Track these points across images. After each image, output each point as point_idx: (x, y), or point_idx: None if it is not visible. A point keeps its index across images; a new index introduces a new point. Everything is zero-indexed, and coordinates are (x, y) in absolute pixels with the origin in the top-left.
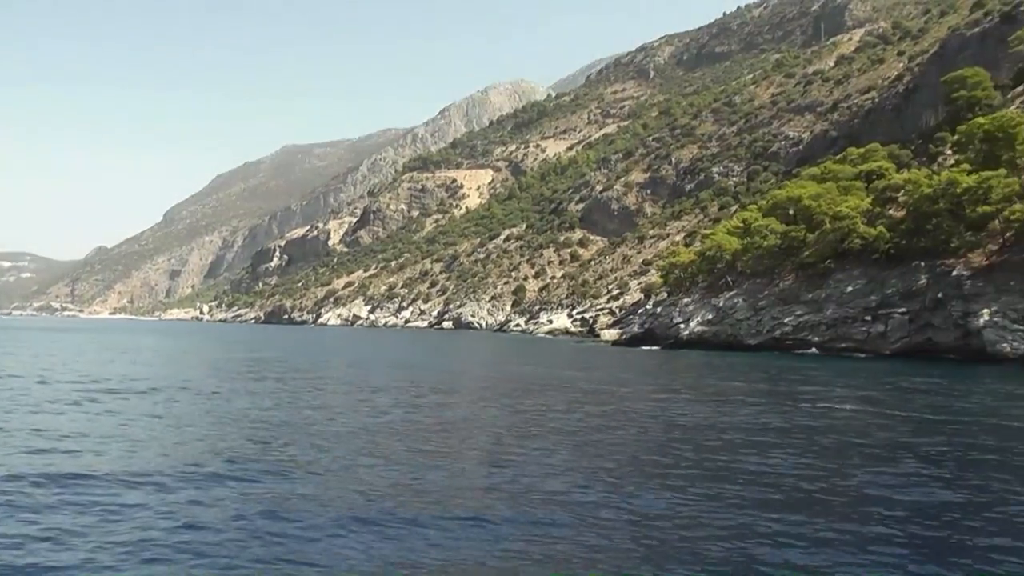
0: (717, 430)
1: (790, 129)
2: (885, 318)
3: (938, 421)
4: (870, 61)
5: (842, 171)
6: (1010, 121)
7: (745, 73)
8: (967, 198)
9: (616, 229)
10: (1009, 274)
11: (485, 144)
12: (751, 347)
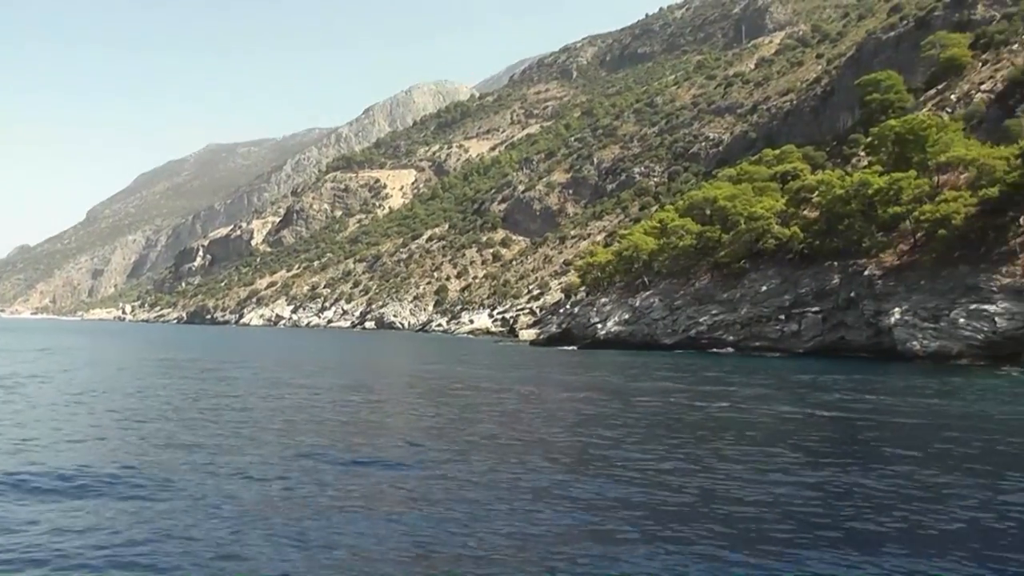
0: (568, 422)
1: (710, 130)
2: (799, 317)
3: (822, 417)
4: (789, 64)
5: (758, 172)
6: (921, 124)
7: (667, 74)
8: (879, 199)
9: (538, 229)
10: (919, 273)
11: (409, 144)
12: (667, 346)
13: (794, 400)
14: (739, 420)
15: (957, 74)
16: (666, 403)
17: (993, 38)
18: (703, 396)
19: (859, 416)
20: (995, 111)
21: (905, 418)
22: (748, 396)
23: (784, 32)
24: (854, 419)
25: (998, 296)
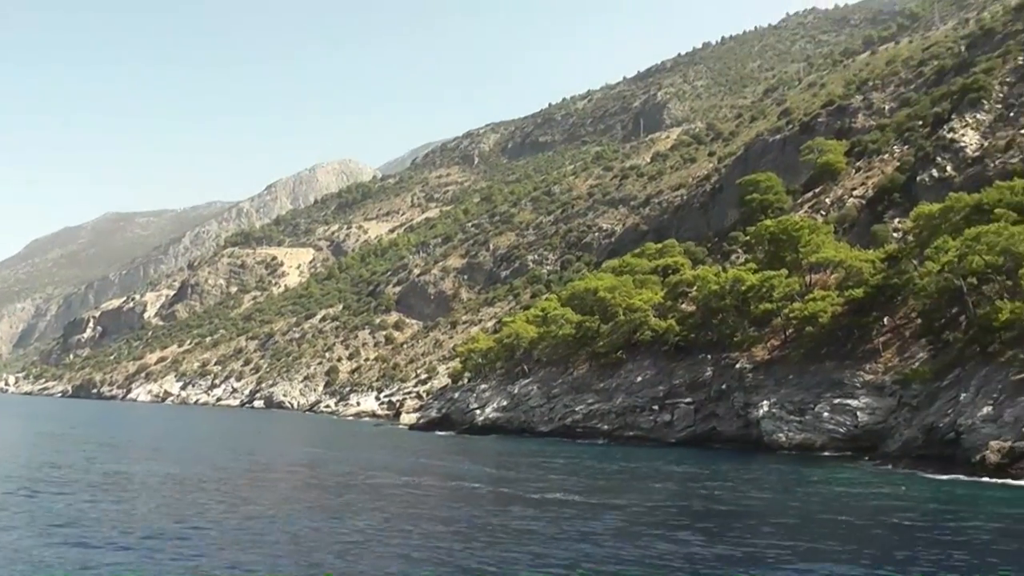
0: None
1: (604, 221)
2: (672, 408)
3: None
4: (683, 159)
5: (639, 265)
6: (794, 225)
7: (567, 164)
8: (752, 295)
9: (432, 313)
10: (788, 368)
11: (308, 222)
12: (543, 434)
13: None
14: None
15: (832, 179)
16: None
17: (867, 147)
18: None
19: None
20: (866, 216)
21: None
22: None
23: (681, 128)
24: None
25: (861, 391)
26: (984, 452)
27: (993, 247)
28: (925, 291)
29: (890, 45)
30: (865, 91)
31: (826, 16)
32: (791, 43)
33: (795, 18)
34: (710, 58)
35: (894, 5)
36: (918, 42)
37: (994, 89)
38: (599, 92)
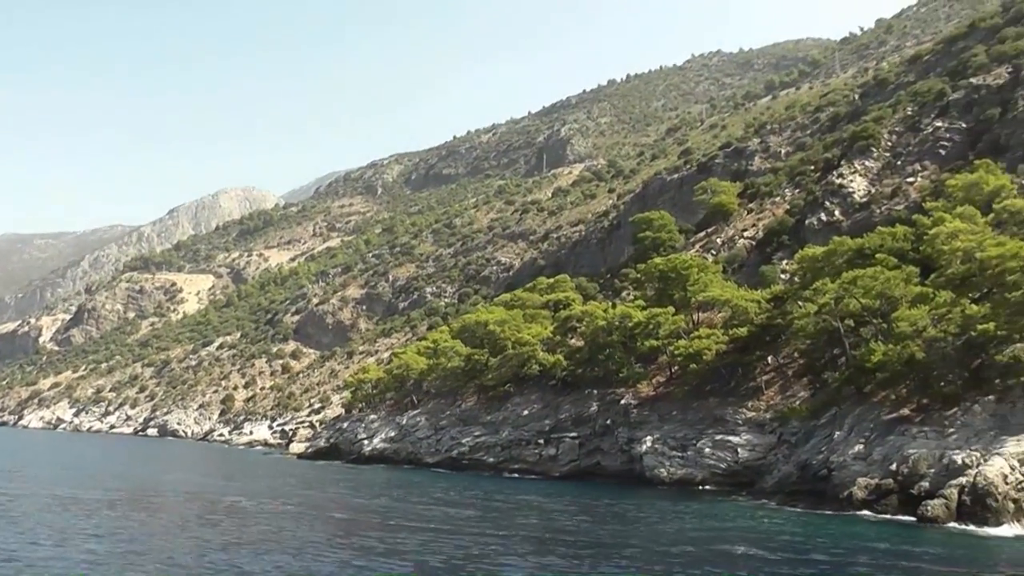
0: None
1: (503, 255)
2: (557, 442)
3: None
4: (583, 195)
5: (531, 299)
6: (683, 263)
7: (469, 196)
8: (638, 332)
9: (330, 343)
10: (672, 404)
11: (209, 249)
12: (430, 465)
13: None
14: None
15: (725, 219)
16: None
17: (760, 189)
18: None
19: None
20: (755, 256)
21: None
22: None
23: (584, 164)
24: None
25: (742, 428)
26: (852, 488)
27: (869, 290)
28: (803, 331)
29: (791, 90)
30: (763, 134)
31: (731, 59)
32: (695, 84)
33: (700, 60)
34: (615, 95)
35: (797, 52)
36: (818, 88)
37: (883, 137)
38: (504, 126)
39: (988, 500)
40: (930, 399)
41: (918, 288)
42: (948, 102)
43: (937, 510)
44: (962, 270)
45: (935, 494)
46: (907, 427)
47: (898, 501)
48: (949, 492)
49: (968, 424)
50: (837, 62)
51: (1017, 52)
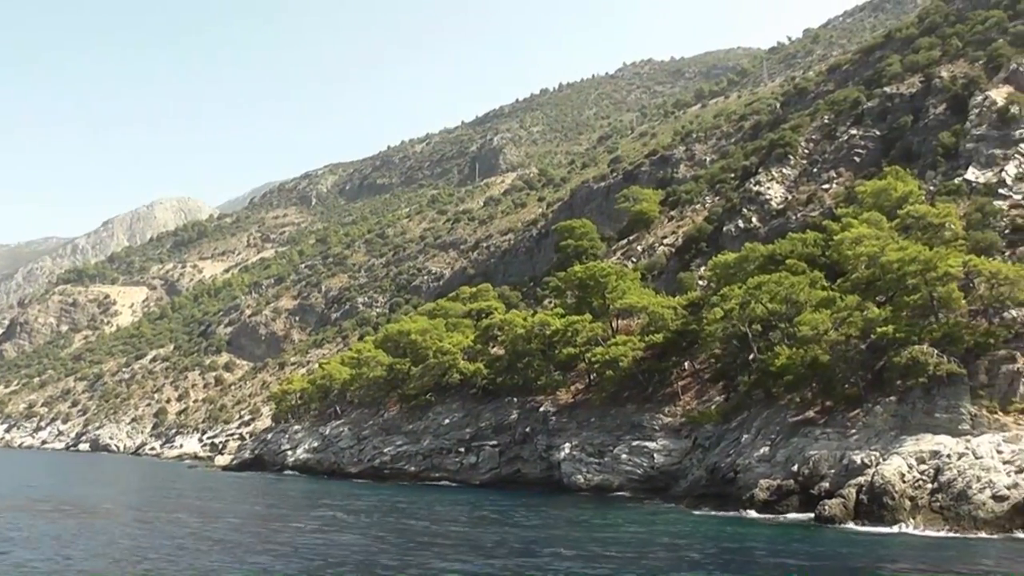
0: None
1: (434, 264)
2: (477, 450)
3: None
4: (514, 204)
5: (453, 308)
6: (602, 271)
7: (403, 206)
8: (557, 340)
9: (263, 354)
10: (590, 411)
11: (143, 260)
12: (352, 475)
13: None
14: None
15: (646, 227)
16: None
17: (681, 197)
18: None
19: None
20: (674, 263)
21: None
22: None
23: (516, 173)
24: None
25: (659, 434)
26: (754, 490)
27: (775, 295)
28: (712, 337)
29: (720, 99)
30: (688, 142)
31: (662, 68)
32: (627, 92)
33: (632, 68)
34: (547, 104)
35: (728, 60)
36: (745, 97)
37: (800, 145)
38: (437, 136)
39: (885, 499)
40: (834, 401)
41: (823, 292)
42: (863, 110)
43: (835, 509)
44: (867, 274)
45: (834, 494)
46: (811, 429)
47: (799, 502)
48: (847, 492)
49: (870, 425)
50: (765, 71)
51: (929, 61)
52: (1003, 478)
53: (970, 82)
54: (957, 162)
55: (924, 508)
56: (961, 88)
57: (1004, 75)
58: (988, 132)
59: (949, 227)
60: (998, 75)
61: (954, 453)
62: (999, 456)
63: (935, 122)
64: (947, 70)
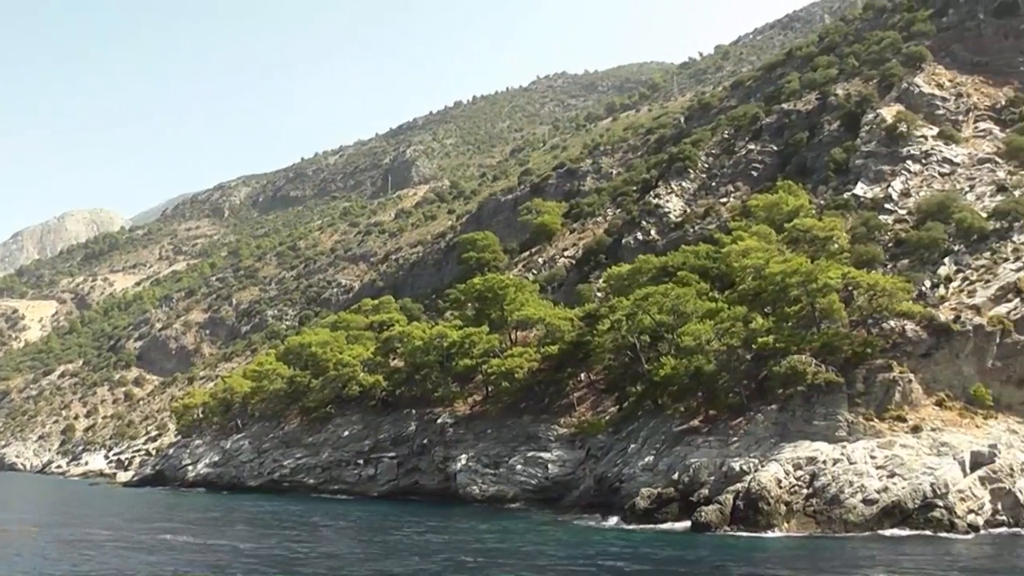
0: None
1: (343, 277)
2: (376, 462)
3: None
4: (425, 217)
5: (355, 321)
6: (500, 283)
7: (315, 219)
8: (455, 351)
9: (173, 368)
10: (487, 422)
11: (53, 274)
12: (252, 489)
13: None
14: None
15: (548, 239)
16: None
17: (584, 209)
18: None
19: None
20: (574, 275)
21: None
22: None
23: (428, 186)
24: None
25: (554, 445)
26: (636, 498)
27: (662, 306)
28: (602, 348)
29: (631, 112)
30: (596, 155)
31: (575, 81)
32: (540, 105)
33: (545, 81)
34: (461, 117)
35: (640, 75)
36: (656, 111)
37: (700, 159)
38: (351, 148)
39: (761, 504)
40: (718, 410)
41: (709, 304)
42: (761, 126)
43: (711, 516)
44: (753, 286)
45: (712, 501)
46: (694, 437)
47: (679, 509)
48: (725, 498)
49: (751, 432)
50: (676, 86)
51: (826, 79)
52: (874, 482)
53: (863, 100)
54: (847, 177)
55: (799, 513)
56: (855, 106)
57: (895, 94)
58: (877, 149)
59: (835, 240)
60: (890, 94)
61: (830, 459)
62: (872, 461)
63: (829, 138)
64: (843, 88)
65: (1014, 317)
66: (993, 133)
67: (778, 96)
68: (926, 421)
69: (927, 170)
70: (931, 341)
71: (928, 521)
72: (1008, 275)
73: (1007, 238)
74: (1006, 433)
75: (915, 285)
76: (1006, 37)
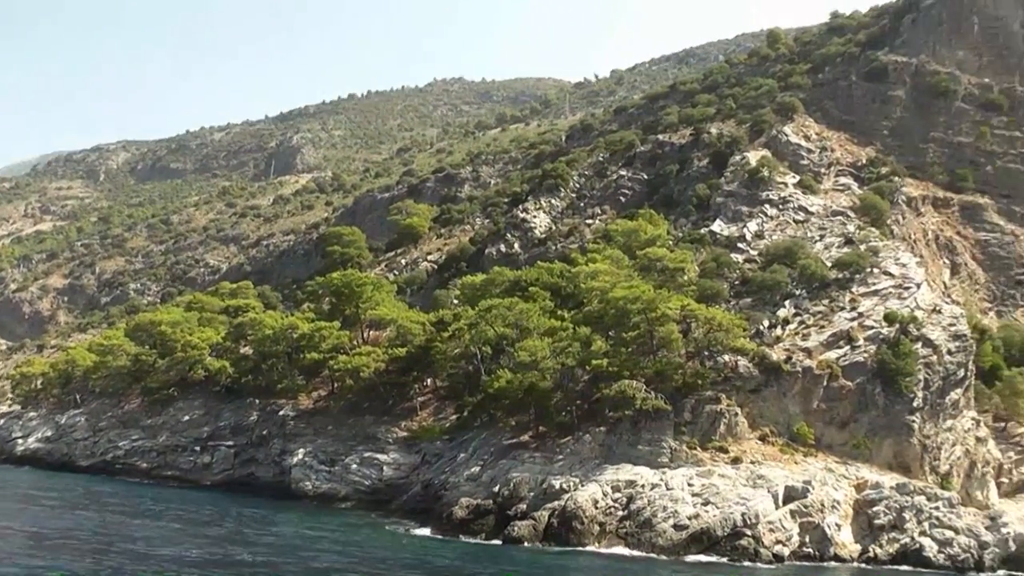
0: None
1: (212, 257)
2: (213, 450)
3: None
4: (302, 206)
5: (211, 303)
6: (358, 280)
7: (193, 194)
8: (304, 344)
9: (24, 334)
10: (329, 419)
11: None
12: (83, 468)
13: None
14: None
15: (414, 242)
16: None
17: (453, 216)
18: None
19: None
20: (434, 280)
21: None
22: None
23: (311, 175)
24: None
25: (392, 447)
26: (453, 508)
27: (506, 320)
28: (444, 355)
29: (520, 125)
30: (476, 164)
31: (472, 88)
32: (434, 108)
33: (442, 84)
34: (352, 110)
35: (536, 89)
36: (544, 127)
37: (572, 179)
38: (239, 127)
39: (575, 523)
40: (548, 427)
41: (551, 321)
42: (635, 153)
43: (523, 531)
44: (598, 308)
45: (528, 516)
46: (521, 452)
47: (495, 521)
48: (540, 515)
49: (576, 452)
50: (568, 104)
51: (703, 117)
52: (688, 508)
53: (733, 141)
54: (708, 213)
55: (611, 534)
56: (724, 146)
57: (764, 139)
58: (739, 190)
59: (685, 272)
60: (759, 139)
61: (648, 484)
62: (689, 489)
63: (697, 174)
64: (716, 127)
65: (843, 363)
66: (851, 188)
67: (656, 127)
68: (747, 454)
69: (783, 215)
70: (761, 378)
71: (735, 549)
72: (842, 323)
73: (846, 288)
74: (822, 471)
75: (753, 324)
76: (874, 100)
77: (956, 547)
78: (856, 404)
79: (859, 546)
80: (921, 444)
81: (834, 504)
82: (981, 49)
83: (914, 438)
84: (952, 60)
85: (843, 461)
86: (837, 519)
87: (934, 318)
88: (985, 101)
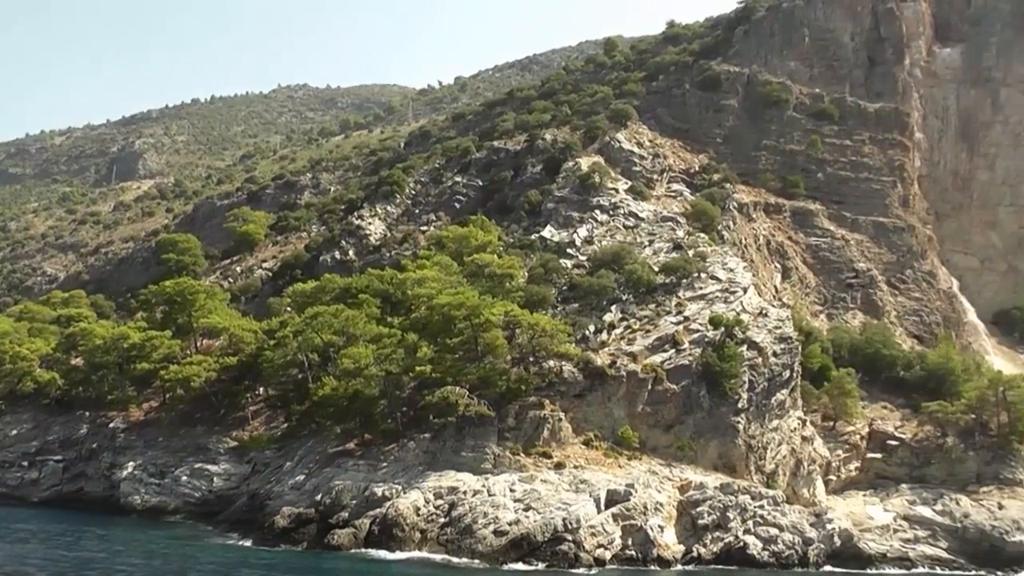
0: None
1: (50, 266)
2: (41, 465)
3: None
4: (143, 212)
5: (41, 312)
6: (190, 288)
7: (32, 200)
8: (135, 354)
9: None
10: (160, 430)
11: None
12: None
13: None
14: None
15: (250, 249)
16: None
17: (290, 223)
18: None
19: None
20: (269, 288)
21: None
22: None
23: (153, 181)
24: None
25: (223, 457)
26: (275, 518)
27: (332, 327)
28: (272, 363)
29: (363, 132)
30: (317, 171)
31: (316, 94)
32: (278, 114)
33: (286, 91)
34: (196, 115)
35: (381, 96)
36: (387, 133)
37: (408, 185)
38: (80, 131)
39: (395, 530)
40: (374, 435)
41: (377, 328)
42: (471, 160)
43: (343, 539)
44: (425, 315)
45: (349, 524)
46: (345, 460)
47: (317, 530)
48: (361, 522)
49: (401, 459)
50: (411, 111)
51: (538, 123)
52: (509, 515)
53: (567, 147)
54: (539, 219)
55: (432, 540)
56: (558, 152)
57: (597, 146)
58: (570, 195)
59: (513, 278)
60: (592, 145)
61: (471, 490)
62: (511, 494)
63: (531, 180)
64: (551, 133)
65: (668, 367)
66: (684, 195)
67: (492, 133)
68: (571, 459)
69: (613, 221)
70: (585, 383)
71: (555, 554)
72: (668, 327)
73: (673, 292)
74: (646, 474)
75: (579, 329)
76: (707, 109)
77: (780, 544)
78: (681, 407)
79: (683, 547)
80: (747, 444)
81: (657, 506)
82: (812, 60)
83: (739, 439)
84: (784, 70)
85: (668, 463)
86: (660, 521)
87: (760, 321)
88: (816, 110)
